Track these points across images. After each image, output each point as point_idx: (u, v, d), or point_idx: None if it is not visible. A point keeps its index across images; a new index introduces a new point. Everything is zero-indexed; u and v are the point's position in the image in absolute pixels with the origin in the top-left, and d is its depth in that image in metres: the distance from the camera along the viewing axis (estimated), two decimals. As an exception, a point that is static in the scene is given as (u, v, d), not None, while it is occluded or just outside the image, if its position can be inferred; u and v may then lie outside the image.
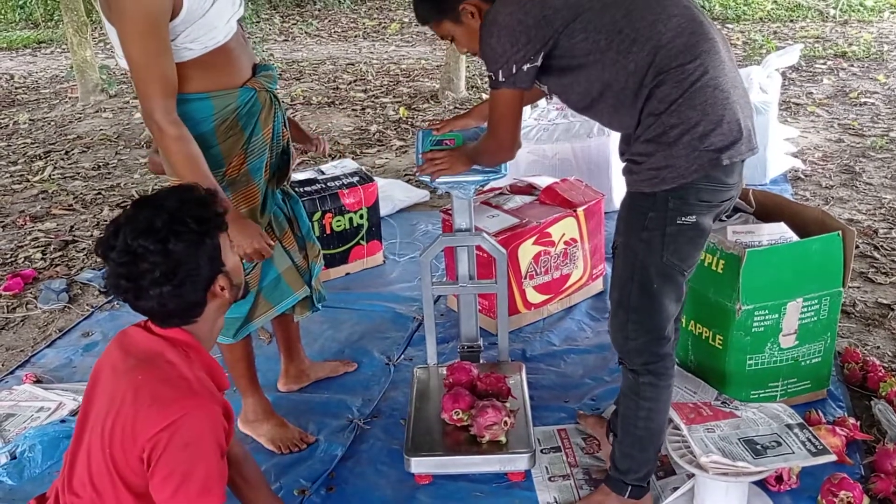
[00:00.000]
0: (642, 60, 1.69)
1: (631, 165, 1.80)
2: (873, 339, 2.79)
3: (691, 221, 1.76)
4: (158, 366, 1.54)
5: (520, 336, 2.93)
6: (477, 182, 2.35)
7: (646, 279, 1.81)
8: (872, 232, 3.57)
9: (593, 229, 3.10)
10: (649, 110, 1.72)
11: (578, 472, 2.21)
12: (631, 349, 1.88)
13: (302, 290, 2.36)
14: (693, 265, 1.84)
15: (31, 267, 3.76)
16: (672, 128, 1.70)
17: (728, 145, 1.71)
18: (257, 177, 2.10)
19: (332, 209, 3.40)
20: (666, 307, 1.83)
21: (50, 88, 7.96)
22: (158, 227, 1.48)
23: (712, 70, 1.70)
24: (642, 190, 1.77)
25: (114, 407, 1.51)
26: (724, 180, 1.75)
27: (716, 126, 1.70)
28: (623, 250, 1.85)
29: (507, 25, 1.73)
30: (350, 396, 2.63)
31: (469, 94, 6.51)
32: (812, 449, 1.91)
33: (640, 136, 1.76)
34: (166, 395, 1.49)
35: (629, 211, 1.83)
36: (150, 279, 1.49)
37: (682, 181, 1.72)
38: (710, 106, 1.69)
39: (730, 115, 1.71)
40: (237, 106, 2.00)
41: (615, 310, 1.90)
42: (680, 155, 1.70)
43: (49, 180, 5.11)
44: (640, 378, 1.89)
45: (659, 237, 1.77)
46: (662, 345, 1.86)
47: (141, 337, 1.60)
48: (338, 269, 3.50)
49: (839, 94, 5.84)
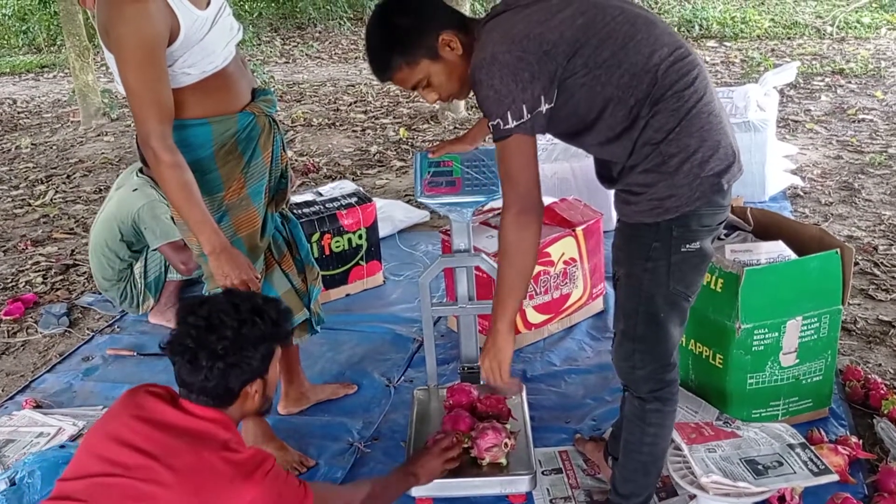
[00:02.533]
0: (641, 93, 1.65)
1: (628, 196, 1.75)
2: (875, 356, 2.78)
3: (695, 248, 1.74)
4: (215, 445, 1.54)
5: (520, 356, 2.92)
6: (475, 204, 2.36)
7: (652, 309, 1.78)
8: (872, 249, 3.57)
9: (593, 248, 3.10)
10: (645, 139, 1.68)
11: (580, 493, 2.20)
12: (638, 378, 1.86)
13: (301, 314, 2.36)
14: (697, 290, 1.82)
15: (31, 291, 3.77)
16: (671, 157, 1.67)
17: (725, 169, 1.70)
18: (257, 201, 2.11)
19: (330, 230, 3.41)
20: (672, 335, 1.81)
21: (52, 113, 8.01)
22: (241, 312, 1.60)
23: (706, 95, 1.69)
24: (644, 221, 1.73)
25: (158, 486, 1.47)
26: (721, 203, 1.74)
27: (714, 151, 1.68)
28: (626, 281, 1.81)
29: (508, 63, 1.61)
30: (350, 419, 2.62)
31: (469, 114, 6.54)
32: (814, 469, 1.90)
33: (635, 166, 1.71)
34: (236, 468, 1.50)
35: (629, 242, 1.79)
36: (210, 349, 1.56)
37: (686, 209, 1.69)
38: (707, 132, 1.68)
39: (724, 140, 1.71)
40: (236, 131, 2.01)
41: (620, 340, 1.86)
42: (683, 184, 1.68)
43: (50, 204, 5.13)
44: (646, 405, 1.86)
45: (665, 266, 1.74)
46: (669, 371, 1.85)
47: (181, 417, 1.57)
48: (338, 289, 3.50)
49: (837, 111, 5.86)
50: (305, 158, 5.69)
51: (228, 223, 2.07)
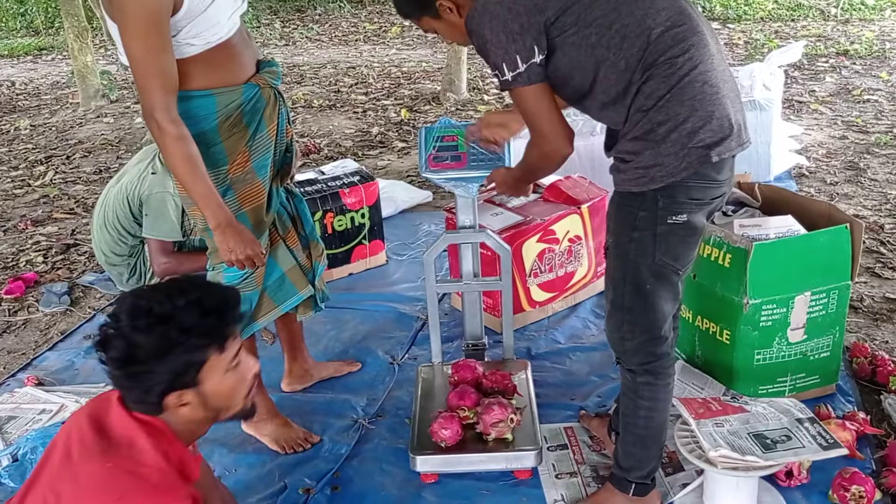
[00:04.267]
0: (632, 57, 1.64)
1: (618, 164, 1.75)
2: (881, 333, 2.77)
3: (682, 220, 1.72)
4: (128, 455, 1.41)
5: (525, 334, 2.91)
6: (481, 179, 2.34)
7: (639, 279, 1.77)
8: (878, 227, 3.55)
9: (598, 226, 3.08)
10: (637, 106, 1.67)
11: (586, 469, 2.19)
12: (627, 349, 1.85)
13: (306, 290, 2.34)
14: (688, 264, 1.81)
15: (32, 270, 3.75)
16: (659, 125, 1.65)
17: (718, 141, 1.67)
18: (262, 174, 2.08)
19: (333, 209, 3.39)
20: (661, 307, 1.80)
21: (51, 94, 7.96)
22: (145, 314, 1.40)
23: (701, 64, 1.65)
24: (630, 189, 1.72)
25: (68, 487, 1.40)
26: (714, 177, 1.71)
27: (705, 122, 1.65)
28: (614, 250, 1.81)
29: (497, 15, 1.66)
30: (354, 396, 2.61)
31: (470, 95, 6.50)
32: (823, 443, 1.89)
33: (627, 134, 1.71)
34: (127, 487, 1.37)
35: (618, 211, 1.79)
36: (110, 354, 1.42)
37: (671, 180, 1.67)
38: (699, 101, 1.65)
39: (720, 111, 1.67)
40: (241, 102, 1.98)
41: (610, 310, 1.86)
42: (668, 153, 1.66)
43: (50, 185, 5.10)
44: (637, 378, 1.86)
45: (650, 237, 1.73)
46: (659, 344, 1.83)
47: (118, 418, 1.46)
48: (341, 269, 3.48)
49: (842, 92, 5.82)
50: (306, 139, 5.66)
51: (233, 197, 2.04)
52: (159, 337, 1.39)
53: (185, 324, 1.41)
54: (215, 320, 1.45)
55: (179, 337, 1.40)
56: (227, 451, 2.37)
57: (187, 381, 1.44)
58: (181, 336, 1.40)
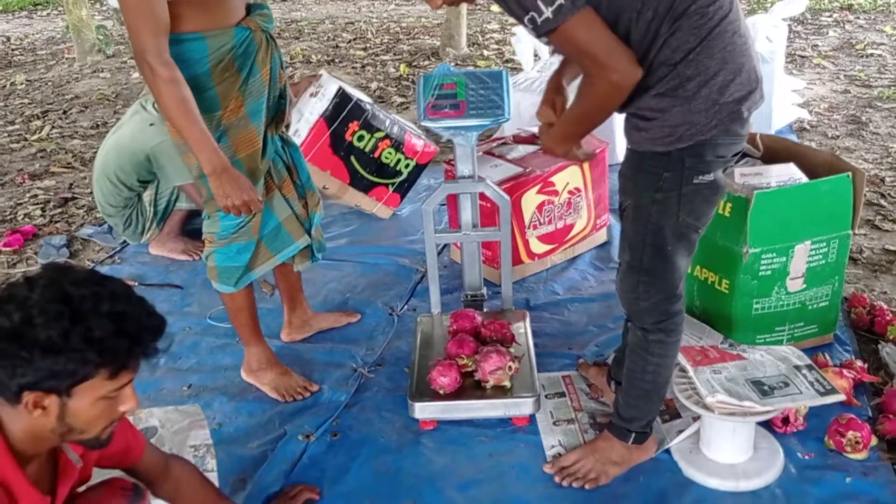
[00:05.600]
0: (661, 5, 1.53)
1: (638, 122, 1.65)
2: (880, 284, 2.77)
3: (709, 180, 1.66)
4: None
5: (523, 286, 2.91)
6: (480, 127, 2.31)
7: (660, 241, 1.72)
8: (879, 180, 3.53)
9: (597, 178, 3.06)
10: (662, 59, 1.55)
11: (583, 416, 2.20)
12: (642, 310, 1.82)
13: (303, 240, 2.34)
14: (708, 222, 1.76)
15: (30, 224, 3.73)
16: (689, 80, 1.55)
17: (746, 95, 1.60)
18: (256, 120, 2.06)
19: (393, 140, 3.44)
20: (679, 266, 1.77)
21: (46, 49, 7.86)
22: (61, 300, 1.23)
23: (731, 13, 1.57)
24: (654, 149, 1.64)
25: None
26: (739, 132, 1.65)
27: (735, 75, 1.58)
28: (634, 212, 1.74)
29: None
30: (354, 346, 2.61)
31: (470, 50, 6.43)
32: (820, 389, 1.89)
33: (649, 89, 1.59)
34: None
35: (638, 171, 1.71)
36: None
37: (701, 138, 1.60)
38: (730, 53, 1.56)
39: (748, 63, 1.60)
40: (232, 46, 1.95)
41: (625, 271, 1.82)
42: (699, 110, 1.57)
43: (47, 139, 5.06)
44: (649, 336, 1.84)
45: (675, 198, 1.67)
46: (674, 302, 1.81)
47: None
48: (354, 194, 3.47)
49: (845, 46, 5.75)
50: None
51: (227, 143, 2.02)
52: (59, 333, 1.20)
53: (93, 334, 1.22)
54: (126, 345, 1.26)
55: (79, 344, 1.21)
56: (228, 400, 2.38)
57: (58, 388, 1.24)
58: (82, 344, 1.21)
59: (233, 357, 2.55)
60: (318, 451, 2.15)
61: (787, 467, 1.96)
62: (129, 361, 1.29)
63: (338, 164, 3.39)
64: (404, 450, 2.13)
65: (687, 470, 1.98)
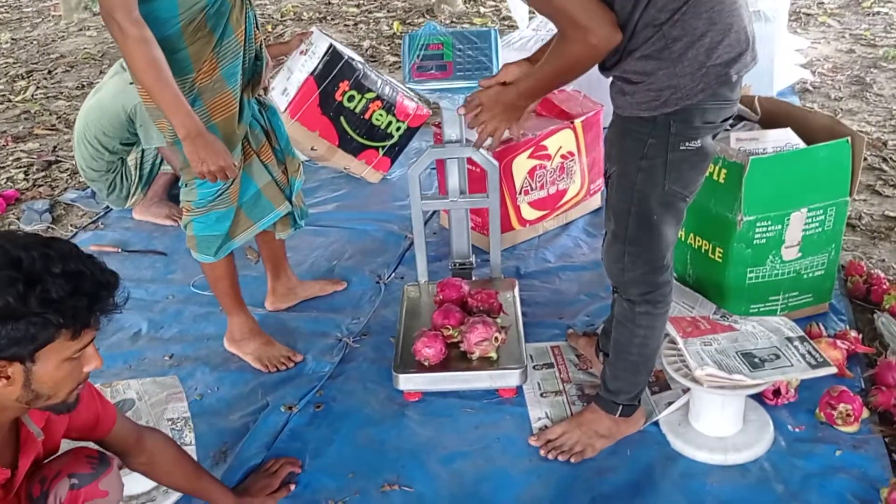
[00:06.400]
0: None
1: (623, 85, 1.59)
2: (878, 252, 2.71)
3: (696, 147, 1.60)
4: None
5: (514, 253, 2.85)
6: (468, 90, 2.22)
7: (646, 210, 1.66)
8: (881, 144, 3.44)
9: (591, 142, 2.97)
10: (647, 20, 1.50)
11: (571, 388, 2.16)
12: (628, 280, 1.77)
13: (283, 207, 2.27)
14: (696, 190, 1.70)
15: (13, 188, 3.66)
16: (675, 41, 1.50)
17: (735, 57, 1.54)
18: (232, 82, 1.97)
19: (384, 102, 3.34)
20: (666, 236, 1.71)
21: (32, 7, 7.69)
22: (11, 265, 1.19)
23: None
24: (639, 114, 1.58)
25: None
26: (729, 96, 1.59)
27: (724, 36, 1.51)
28: (618, 180, 1.69)
29: None
30: (339, 315, 2.56)
31: (466, 7, 6.27)
32: (812, 361, 1.85)
33: (634, 51, 1.53)
34: None
35: (622, 137, 1.65)
36: None
37: (687, 102, 1.54)
38: (718, 13, 1.50)
39: (738, 23, 1.53)
40: (205, 5, 1.86)
41: (611, 241, 1.76)
42: (685, 73, 1.51)
43: (32, 100, 4.95)
44: (636, 308, 1.79)
45: (661, 165, 1.61)
46: (661, 273, 1.76)
47: None
48: (342, 156, 3.39)
49: (851, 4, 5.60)
50: (296, 53, 5.47)
51: (202, 107, 1.94)
52: (15, 297, 1.18)
53: (50, 295, 1.20)
54: (84, 303, 1.24)
55: (38, 307, 1.19)
56: (210, 370, 2.34)
57: (21, 355, 1.23)
58: (40, 306, 1.19)
59: (216, 326, 2.51)
60: (300, 422, 2.11)
61: (777, 440, 1.92)
62: (90, 319, 1.28)
63: (327, 125, 3.30)
64: (388, 422, 2.10)
65: (675, 443, 1.94)
